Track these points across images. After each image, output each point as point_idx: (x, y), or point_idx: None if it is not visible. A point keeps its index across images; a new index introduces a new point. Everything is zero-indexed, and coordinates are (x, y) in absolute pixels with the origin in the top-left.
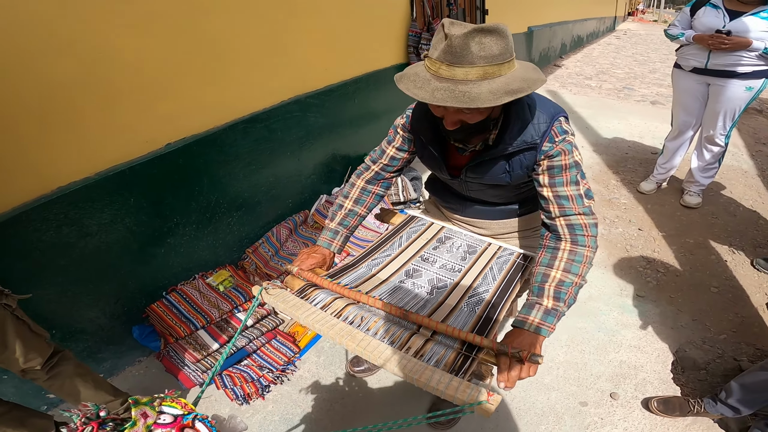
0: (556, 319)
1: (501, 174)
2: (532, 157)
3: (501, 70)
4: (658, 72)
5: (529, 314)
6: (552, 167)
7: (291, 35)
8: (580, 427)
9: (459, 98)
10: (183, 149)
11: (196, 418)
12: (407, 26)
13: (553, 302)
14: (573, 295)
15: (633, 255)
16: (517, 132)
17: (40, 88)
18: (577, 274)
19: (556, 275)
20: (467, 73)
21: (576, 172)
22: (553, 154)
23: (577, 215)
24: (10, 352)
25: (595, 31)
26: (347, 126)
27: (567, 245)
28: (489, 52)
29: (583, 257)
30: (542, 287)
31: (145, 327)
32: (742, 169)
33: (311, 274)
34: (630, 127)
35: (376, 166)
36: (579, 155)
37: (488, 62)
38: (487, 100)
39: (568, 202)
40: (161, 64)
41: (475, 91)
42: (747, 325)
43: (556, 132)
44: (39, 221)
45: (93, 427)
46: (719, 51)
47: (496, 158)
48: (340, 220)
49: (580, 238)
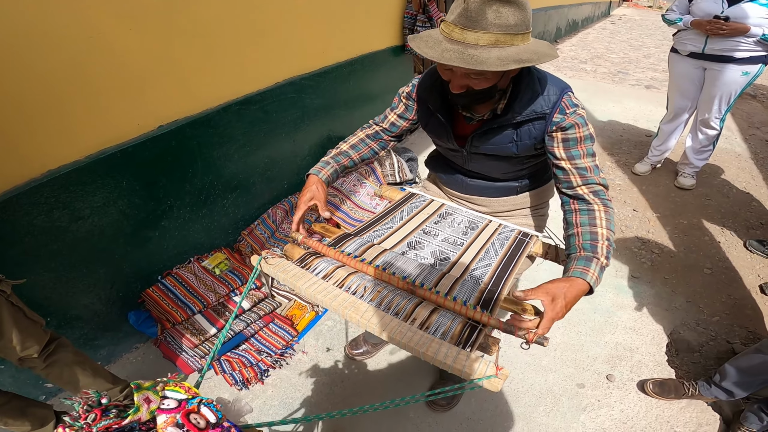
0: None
1: (508, 143)
2: (542, 128)
3: (514, 40)
4: (652, 57)
5: (589, 267)
6: (567, 140)
7: (285, 16)
8: (577, 408)
9: (466, 60)
10: (176, 131)
11: (201, 402)
12: (403, 8)
13: (605, 260)
14: (611, 252)
15: (628, 236)
16: (527, 102)
17: (28, 72)
18: (613, 231)
19: (603, 233)
20: (478, 38)
21: (591, 144)
22: (566, 126)
23: (597, 184)
24: (7, 340)
25: (590, 16)
26: (342, 107)
27: (599, 206)
28: (504, 21)
29: (613, 217)
30: (595, 245)
31: (141, 312)
32: (736, 152)
33: (313, 241)
34: (625, 110)
35: (377, 126)
36: (591, 128)
37: (502, 30)
38: (494, 65)
39: (587, 172)
40: (153, 46)
41: (484, 56)
42: (740, 307)
43: (567, 104)
44: (29, 205)
45: (96, 414)
46: (717, 36)
47: (504, 126)
48: (334, 155)
49: (606, 201)
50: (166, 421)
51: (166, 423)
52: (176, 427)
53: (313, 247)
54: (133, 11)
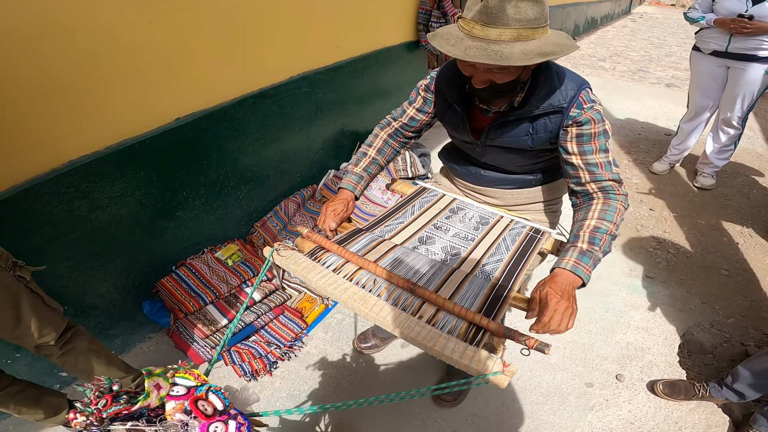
0: (591, 262)
1: (523, 136)
2: (558, 122)
3: (535, 33)
4: (674, 55)
5: (565, 256)
6: (581, 135)
7: (301, 12)
8: (584, 407)
9: (491, 56)
10: (192, 123)
11: (210, 389)
12: (417, 3)
13: (588, 245)
14: (607, 243)
15: (643, 235)
16: (545, 95)
17: (51, 64)
18: (612, 222)
19: (590, 223)
20: (501, 34)
21: (605, 140)
22: (582, 121)
23: (607, 180)
24: (25, 327)
25: (609, 14)
26: (356, 102)
27: (600, 201)
28: (524, 15)
29: (616, 209)
30: (578, 234)
31: (155, 302)
32: (757, 152)
33: (321, 237)
34: (644, 108)
35: (396, 123)
36: (608, 124)
37: (523, 25)
38: (519, 60)
39: (598, 168)
40: (171, 41)
41: (508, 51)
42: (756, 309)
43: (585, 99)
44: (50, 194)
45: (107, 400)
46: (741, 35)
47: (521, 119)
48: (365, 166)
49: (612, 195)
50: (175, 408)
51: (175, 409)
52: (184, 414)
53: (319, 243)
54: (152, 5)
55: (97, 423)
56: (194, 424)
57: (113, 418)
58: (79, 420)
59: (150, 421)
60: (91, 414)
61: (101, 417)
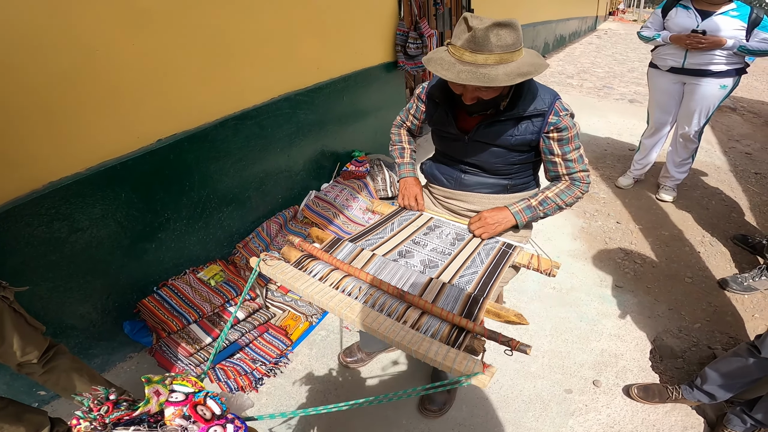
0: (531, 215)
1: (508, 135)
2: (539, 125)
3: (513, 56)
4: (636, 71)
5: (517, 202)
6: (562, 139)
7: (282, 34)
8: (565, 413)
9: (480, 78)
10: (174, 145)
11: (208, 395)
12: (395, 25)
13: (537, 203)
14: (552, 209)
15: (611, 247)
16: (530, 100)
17: (31, 84)
18: (563, 200)
19: (549, 193)
20: (487, 59)
21: (578, 141)
22: (561, 127)
23: (578, 172)
24: (8, 345)
25: (577, 31)
26: (336, 123)
27: (566, 183)
28: (504, 42)
29: (573, 193)
30: (536, 193)
31: (137, 322)
32: (715, 164)
33: (312, 246)
34: (609, 124)
35: (407, 122)
36: (579, 125)
37: (503, 50)
38: (504, 81)
39: (572, 163)
40: (153, 61)
41: (493, 73)
42: (720, 314)
43: (560, 108)
44: (30, 216)
45: (108, 407)
46: (696, 50)
47: (508, 120)
48: (410, 154)
49: (576, 183)
50: (174, 413)
51: (174, 415)
52: (183, 419)
53: (308, 251)
54: (135, 26)
55: (100, 428)
56: (193, 428)
57: (116, 424)
58: (83, 426)
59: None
60: (94, 420)
61: (104, 422)
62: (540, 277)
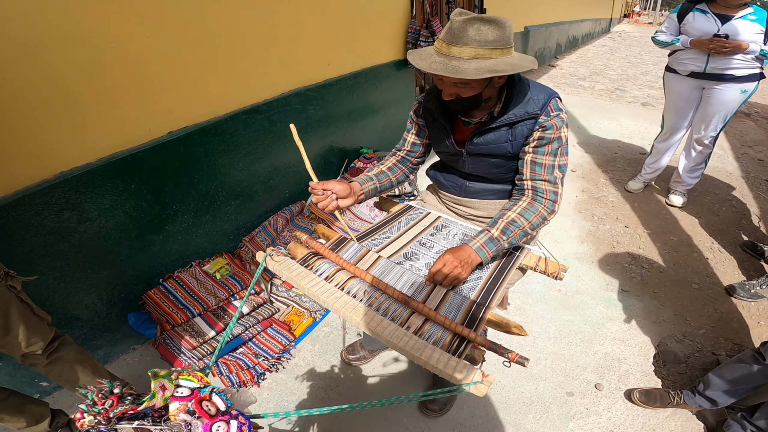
0: (495, 249)
1: (504, 143)
2: (532, 127)
3: (492, 54)
4: (650, 74)
5: (477, 236)
6: (542, 138)
7: (293, 29)
8: (566, 416)
9: (448, 69)
10: (184, 138)
11: (213, 391)
12: (407, 23)
13: (500, 233)
14: (517, 236)
15: (619, 251)
16: (521, 105)
17: (45, 76)
18: (528, 220)
19: (510, 215)
20: (461, 52)
21: (558, 146)
22: (546, 126)
23: (541, 181)
24: (13, 336)
25: (590, 32)
26: (345, 119)
27: (527, 200)
28: (483, 37)
29: (537, 211)
30: (496, 221)
31: (141, 314)
32: (727, 170)
33: (319, 244)
34: (620, 127)
35: (401, 152)
36: (567, 132)
37: (481, 45)
38: (471, 74)
39: (540, 168)
40: (166, 55)
41: (464, 66)
42: (726, 321)
43: (552, 108)
44: (40, 205)
45: (113, 401)
46: (719, 55)
47: (500, 127)
48: (376, 173)
49: (539, 198)
50: (179, 408)
51: (179, 410)
52: (188, 414)
53: (315, 249)
54: (150, 19)
55: (104, 422)
56: (197, 423)
57: (120, 418)
58: (87, 420)
59: (154, 422)
60: (99, 414)
61: (108, 417)
62: (545, 279)
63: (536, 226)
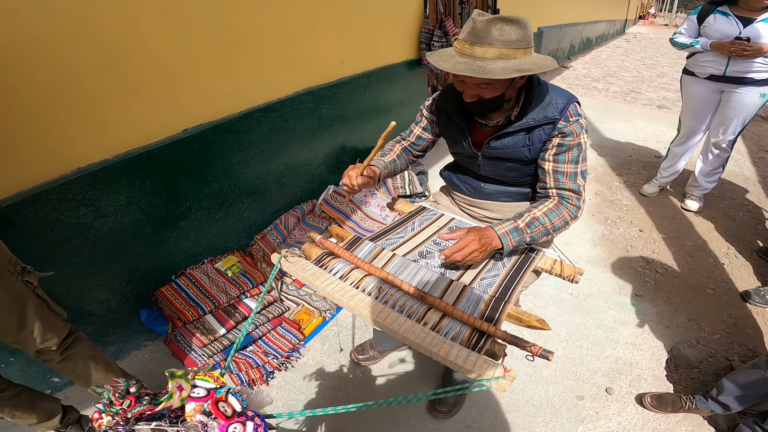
0: (519, 239)
1: (521, 147)
2: (550, 132)
3: (516, 53)
4: (666, 76)
5: (503, 223)
6: (561, 145)
7: (308, 29)
8: (576, 420)
9: (474, 70)
10: (199, 135)
11: (229, 391)
12: (420, 23)
13: (524, 226)
14: (539, 233)
15: (633, 255)
16: (540, 108)
17: (64, 72)
18: (551, 221)
19: (536, 213)
20: (485, 52)
21: (578, 152)
22: (566, 133)
23: (567, 190)
24: (28, 331)
25: (604, 34)
26: (357, 118)
27: (553, 202)
28: (507, 37)
29: (561, 214)
30: (522, 214)
31: (153, 311)
32: (744, 175)
33: (332, 243)
34: (635, 130)
35: (405, 141)
36: (586, 137)
37: (505, 45)
38: (498, 74)
39: (563, 177)
40: (182, 53)
41: (490, 66)
42: (740, 326)
43: (572, 113)
44: (57, 201)
45: (131, 401)
46: (740, 58)
47: (518, 131)
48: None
49: (565, 203)
50: (195, 409)
51: (195, 410)
52: (204, 415)
53: (329, 248)
54: (169, 17)
55: (123, 423)
56: (213, 425)
57: (138, 418)
58: (104, 420)
59: (171, 422)
60: (116, 414)
61: (126, 417)
62: (557, 281)
63: (558, 228)
